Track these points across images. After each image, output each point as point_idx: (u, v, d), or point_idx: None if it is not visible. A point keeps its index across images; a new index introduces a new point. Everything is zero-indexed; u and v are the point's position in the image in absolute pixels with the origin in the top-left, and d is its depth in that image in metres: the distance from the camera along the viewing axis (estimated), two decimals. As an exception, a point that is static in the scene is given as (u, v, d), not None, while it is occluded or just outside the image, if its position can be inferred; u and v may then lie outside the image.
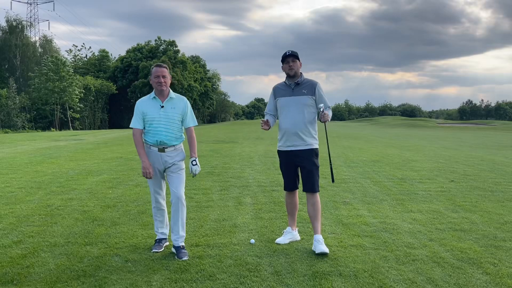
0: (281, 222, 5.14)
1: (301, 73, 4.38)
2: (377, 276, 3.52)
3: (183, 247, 4.07)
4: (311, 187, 4.28)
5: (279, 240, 4.41)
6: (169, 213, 4.31)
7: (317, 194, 4.33)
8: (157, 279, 3.45)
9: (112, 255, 3.99)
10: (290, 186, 4.47)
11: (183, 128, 4.26)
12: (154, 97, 4.14)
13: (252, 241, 4.39)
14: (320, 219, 4.34)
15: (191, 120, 4.26)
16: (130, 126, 4.21)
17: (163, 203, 4.32)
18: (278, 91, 4.42)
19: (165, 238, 4.31)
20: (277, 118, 4.52)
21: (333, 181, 4.56)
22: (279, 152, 4.47)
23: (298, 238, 4.53)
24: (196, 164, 4.13)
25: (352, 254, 4.04)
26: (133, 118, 4.20)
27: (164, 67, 4.13)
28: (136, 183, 7.83)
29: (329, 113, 4.27)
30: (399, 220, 5.28)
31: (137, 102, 4.26)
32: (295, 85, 4.31)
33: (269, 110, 4.51)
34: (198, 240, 4.42)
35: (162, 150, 4.11)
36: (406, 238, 4.54)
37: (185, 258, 3.92)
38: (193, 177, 4.23)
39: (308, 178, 4.28)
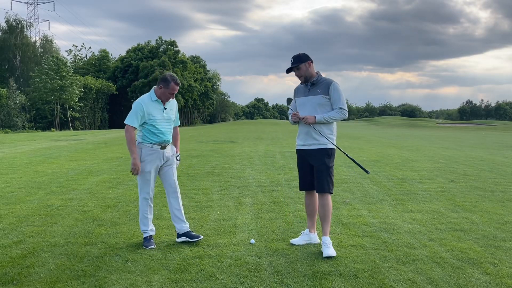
0: (281, 222, 5.15)
1: (317, 72, 4.33)
2: (377, 276, 3.52)
3: (191, 230, 4.49)
4: (320, 187, 4.21)
5: (294, 240, 4.37)
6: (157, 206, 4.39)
7: (328, 196, 4.23)
8: (157, 279, 3.45)
9: (112, 255, 3.99)
10: (303, 186, 4.43)
11: None
12: (156, 99, 4.32)
13: (252, 241, 4.38)
14: (330, 222, 4.26)
15: (178, 120, 4.67)
16: (126, 123, 4.24)
17: (152, 198, 4.49)
18: (297, 91, 4.46)
19: (153, 234, 4.44)
20: None
21: (367, 172, 4.27)
22: (296, 150, 4.49)
23: (316, 241, 4.41)
24: (179, 160, 4.68)
25: (352, 254, 4.04)
26: (131, 115, 4.25)
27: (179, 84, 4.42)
28: (136, 183, 7.81)
29: (334, 115, 4.17)
30: (399, 220, 5.28)
31: (139, 101, 4.29)
32: (311, 85, 4.30)
33: (291, 111, 4.51)
34: (198, 240, 4.42)
35: (164, 147, 4.38)
36: (406, 238, 4.54)
37: (201, 236, 4.39)
38: None
39: (317, 177, 4.22)
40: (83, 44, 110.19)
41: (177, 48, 65.81)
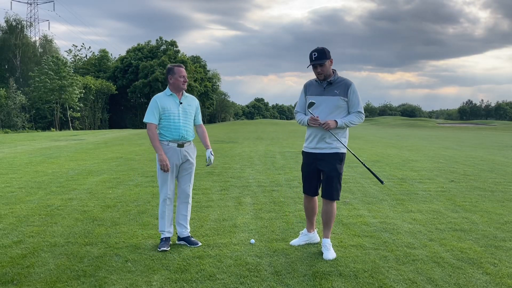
0: (281, 222, 5.14)
1: (334, 70, 4.06)
2: (377, 276, 3.52)
3: (191, 236, 4.42)
4: (329, 194, 4.04)
5: (294, 242, 4.33)
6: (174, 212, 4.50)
7: (334, 203, 4.10)
8: (157, 279, 3.45)
9: (112, 255, 3.99)
10: (308, 190, 4.26)
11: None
12: (171, 94, 4.29)
13: (252, 241, 4.38)
14: (332, 226, 4.19)
15: (200, 118, 4.54)
16: (146, 121, 4.26)
17: (172, 199, 4.41)
18: (309, 88, 4.15)
19: (171, 237, 4.38)
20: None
21: (381, 182, 4.09)
22: (303, 152, 4.26)
23: (316, 239, 4.37)
24: (212, 154, 4.52)
25: (352, 254, 4.04)
26: (148, 112, 4.26)
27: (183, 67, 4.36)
28: (136, 183, 7.83)
29: (354, 119, 3.99)
30: (399, 220, 5.28)
31: (154, 97, 4.31)
32: (327, 84, 4.02)
33: (300, 109, 4.24)
34: (198, 240, 4.42)
35: (181, 145, 4.27)
36: (406, 238, 4.54)
37: (200, 243, 4.30)
38: (207, 165, 4.52)
39: (327, 184, 4.04)
40: (83, 44, 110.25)
41: (177, 48, 65.81)
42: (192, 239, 4.38)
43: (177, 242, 4.39)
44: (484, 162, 11.66)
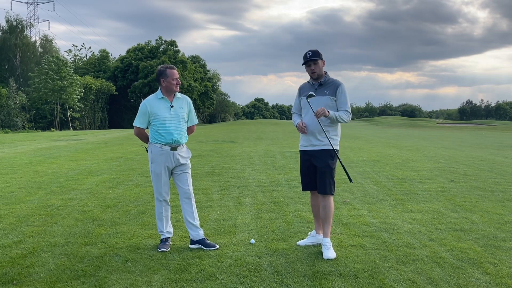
0: (281, 222, 5.14)
1: (325, 72, 4.31)
2: (377, 276, 3.52)
3: (206, 238, 4.31)
4: (322, 189, 4.19)
5: (301, 242, 4.36)
6: (175, 212, 4.43)
7: (330, 197, 4.21)
8: (157, 279, 3.45)
9: (112, 255, 3.99)
10: (306, 186, 4.42)
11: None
12: (162, 97, 4.21)
13: (252, 241, 4.38)
14: (331, 223, 4.23)
15: (195, 118, 4.46)
16: (135, 125, 4.28)
17: (168, 200, 4.40)
18: (302, 90, 4.41)
19: (171, 237, 4.36)
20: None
21: (350, 181, 4.31)
22: (299, 151, 4.48)
23: None
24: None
25: (352, 254, 4.04)
26: (138, 117, 4.25)
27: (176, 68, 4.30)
28: (136, 183, 7.83)
29: (343, 116, 4.16)
30: (399, 220, 5.28)
31: (144, 102, 4.25)
32: (318, 85, 4.26)
33: (295, 110, 4.53)
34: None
35: (174, 148, 4.21)
36: (406, 238, 4.54)
37: (217, 246, 4.19)
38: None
39: (320, 179, 4.20)
40: (83, 44, 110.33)
41: (176, 48, 65.78)
42: (208, 241, 4.23)
43: (190, 246, 4.23)
44: (484, 162, 11.66)
